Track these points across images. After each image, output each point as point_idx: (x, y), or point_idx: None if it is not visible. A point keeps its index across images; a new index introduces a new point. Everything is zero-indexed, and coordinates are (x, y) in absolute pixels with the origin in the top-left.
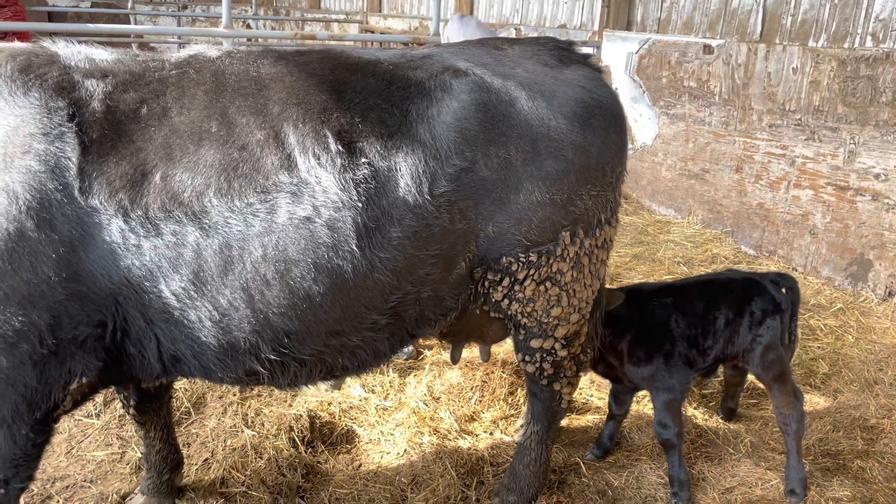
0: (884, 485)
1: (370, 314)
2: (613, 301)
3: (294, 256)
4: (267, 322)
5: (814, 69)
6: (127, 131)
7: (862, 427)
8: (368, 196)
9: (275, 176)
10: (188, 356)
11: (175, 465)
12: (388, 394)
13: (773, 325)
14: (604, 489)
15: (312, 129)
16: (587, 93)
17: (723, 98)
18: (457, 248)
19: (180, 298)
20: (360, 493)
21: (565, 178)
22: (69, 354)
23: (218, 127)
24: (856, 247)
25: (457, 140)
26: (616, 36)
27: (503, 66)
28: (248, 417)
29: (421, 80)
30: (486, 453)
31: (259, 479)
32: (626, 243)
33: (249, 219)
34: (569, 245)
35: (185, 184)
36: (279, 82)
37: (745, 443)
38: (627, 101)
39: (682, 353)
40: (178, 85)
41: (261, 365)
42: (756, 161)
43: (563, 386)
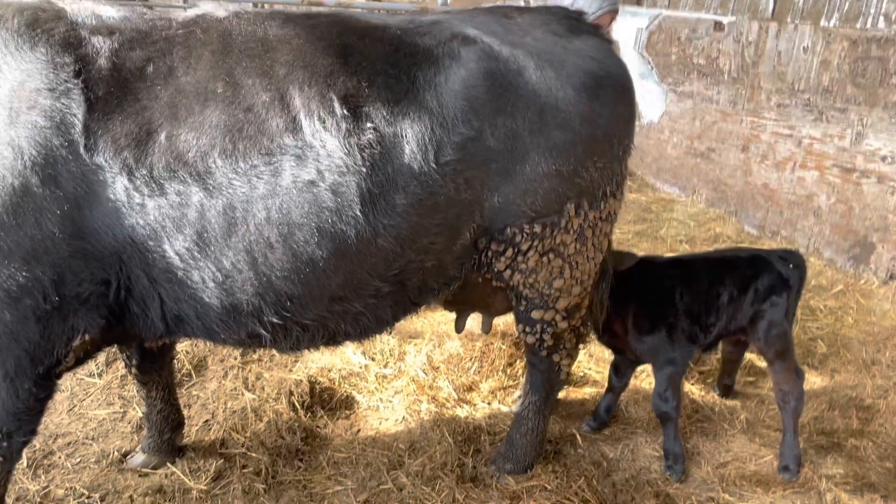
0: (877, 464)
1: (373, 281)
2: (627, 262)
3: (297, 220)
4: (270, 285)
5: (825, 49)
6: (133, 89)
7: (858, 407)
8: (373, 161)
9: (279, 138)
10: (191, 316)
11: (176, 425)
12: (388, 362)
13: (778, 301)
14: (599, 460)
15: (318, 92)
16: (596, 63)
17: (731, 76)
18: (462, 219)
19: (184, 259)
20: (358, 458)
21: (572, 149)
22: (72, 311)
23: (224, 88)
24: (859, 229)
25: (464, 108)
26: (626, 10)
27: (512, 35)
28: (248, 381)
29: (429, 46)
30: (483, 422)
31: (258, 440)
32: (630, 220)
33: (253, 181)
34: (573, 217)
35: (189, 144)
36: (286, 45)
37: (741, 419)
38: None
39: (685, 329)
40: (184, 44)
41: (263, 328)
42: (763, 141)
43: (562, 357)
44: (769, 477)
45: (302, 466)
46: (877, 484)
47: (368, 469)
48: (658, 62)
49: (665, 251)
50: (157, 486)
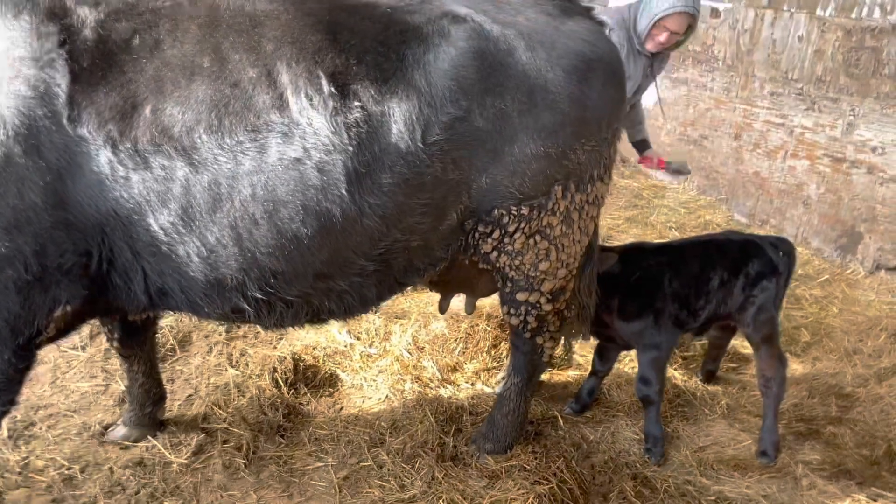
0: (854, 451)
1: (358, 259)
2: (606, 262)
3: (283, 197)
4: (254, 261)
5: (819, 38)
6: (118, 62)
7: (837, 395)
8: (360, 140)
9: (266, 115)
10: (175, 290)
11: (157, 399)
12: (374, 341)
13: (768, 286)
14: (579, 442)
15: (306, 69)
16: (588, 46)
17: (726, 64)
18: (448, 199)
19: (168, 233)
20: (340, 435)
21: (560, 131)
22: (54, 282)
23: (210, 62)
24: (847, 219)
25: (452, 88)
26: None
27: (504, 14)
28: (232, 357)
29: (419, 24)
30: (466, 403)
31: (241, 416)
32: (621, 206)
33: (239, 157)
34: (560, 199)
35: (175, 118)
36: (275, 20)
37: (722, 405)
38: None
39: (672, 313)
40: (171, 17)
41: (247, 303)
42: (755, 129)
43: (545, 340)
44: (747, 461)
45: (283, 442)
46: (853, 471)
47: (349, 446)
48: None
49: (654, 237)
50: (137, 459)
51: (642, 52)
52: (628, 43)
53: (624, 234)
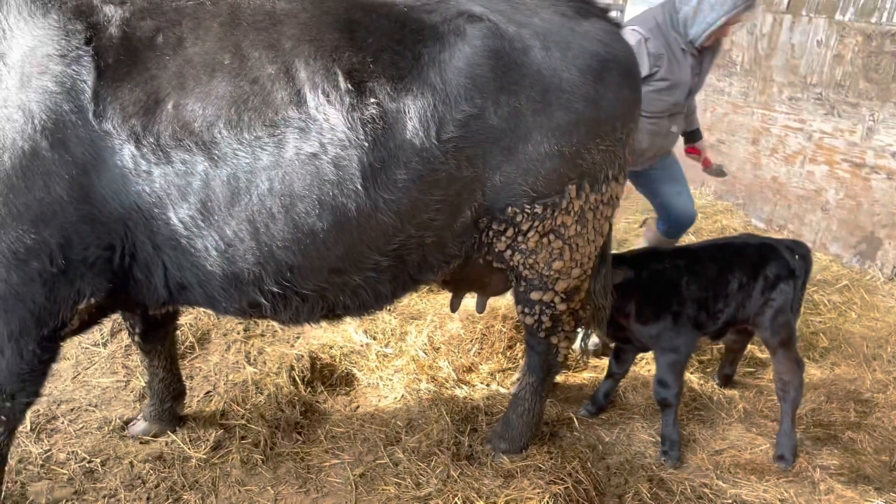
0: (872, 456)
1: (372, 254)
2: (617, 277)
3: (299, 191)
4: (271, 255)
5: (838, 43)
6: (142, 58)
7: (856, 400)
8: (375, 136)
9: (284, 111)
10: (194, 284)
11: (177, 395)
12: (390, 341)
13: (785, 289)
14: (594, 443)
15: (323, 66)
16: (603, 46)
17: (744, 68)
18: (462, 196)
19: (187, 226)
20: (356, 433)
21: (574, 130)
22: (78, 275)
23: (231, 59)
24: (867, 225)
25: (467, 86)
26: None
27: (519, 14)
28: (250, 355)
29: (435, 23)
30: (481, 403)
31: (258, 413)
32: (637, 210)
33: (257, 152)
34: (574, 199)
35: (196, 113)
36: (293, 18)
37: (739, 409)
38: None
39: (690, 316)
40: (194, 16)
41: (263, 297)
42: (773, 134)
43: (560, 340)
44: (764, 465)
45: (300, 439)
46: (871, 476)
47: (365, 444)
48: None
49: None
50: (157, 454)
51: (688, 51)
52: (667, 50)
53: (640, 239)
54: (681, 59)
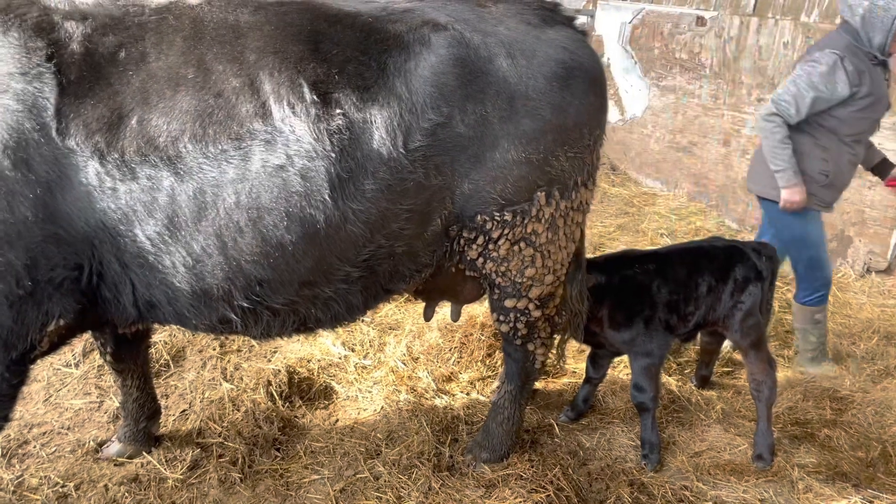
0: (849, 453)
1: (343, 266)
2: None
3: (267, 204)
4: (240, 269)
5: (805, 44)
6: (105, 74)
7: (832, 398)
8: (342, 147)
9: (249, 123)
10: (163, 302)
11: (152, 414)
12: (368, 353)
13: (754, 291)
14: (575, 449)
15: (288, 78)
16: (568, 54)
17: (713, 71)
18: (432, 205)
19: (154, 243)
20: (336, 447)
21: (542, 137)
22: (46, 296)
23: (195, 73)
24: (837, 223)
25: (433, 95)
26: (610, 5)
27: (485, 23)
28: (226, 371)
29: (400, 33)
30: (461, 412)
31: (236, 430)
32: (612, 214)
33: (223, 165)
34: (544, 206)
35: (160, 128)
36: (257, 31)
37: (717, 409)
38: (619, 72)
39: (662, 319)
40: (156, 30)
41: (233, 312)
42: (743, 135)
43: (536, 346)
44: (743, 466)
45: (279, 456)
46: (849, 473)
47: (345, 458)
48: (641, 57)
49: (645, 244)
50: (132, 475)
51: (879, 59)
52: (865, 65)
53: (615, 242)
54: (877, 72)
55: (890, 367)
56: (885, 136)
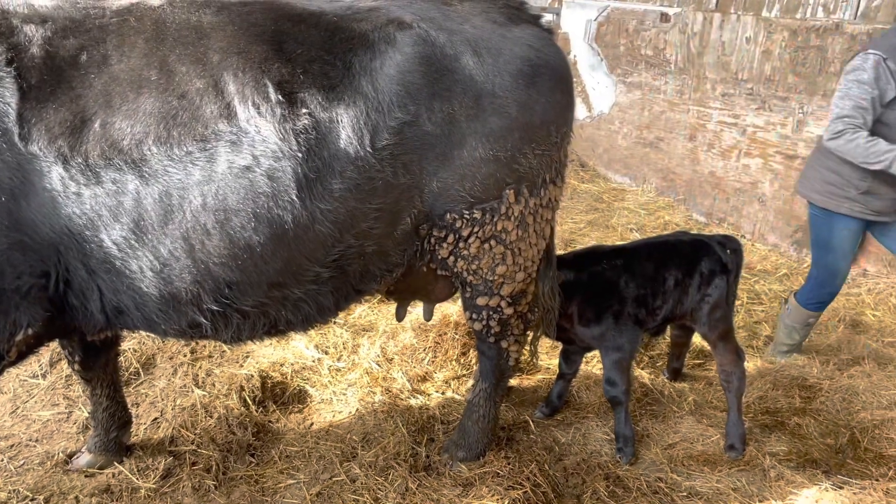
0: (818, 440)
1: (312, 266)
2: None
3: (234, 206)
4: (208, 272)
5: (766, 39)
6: (66, 78)
7: (800, 386)
8: (309, 147)
9: (214, 125)
10: (131, 307)
11: (122, 424)
12: (342, 355)
13: (720, 284)
14: (551, 445)
15: (252, 78)
16: (534, 52)
17: (678, 67)
18: (401, 204)
19: (121, 248)
20: (311, 451)
21: (509, 135)
22: (13, 305)
23: (158, 75)
24: (801, 214)
25: (399, 93)
26: (575, 2)
27: (450, 21)
28: (198, 378)
29: (365, 31)
30: (437, 412)
31: (209, 437)
32: (582, 210)
33: (189, 167)
34: (513, 203)
35: (124, 131)
36: (220, 31)
37: (689, 401)
38: (585, 69)
39: (631, 313)
40: (118, 32)
41: (203, 316)
42: (709, 130)
43: (510, 344)
44: (716, 456)
45: (253, 461)
46: (819, 460)
47: (321, 462)
48: (607, 53)
49: (616, 239)
50: (103, 486)
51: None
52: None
53: (586, 238)
54: None
55: (856, 356)
56: None
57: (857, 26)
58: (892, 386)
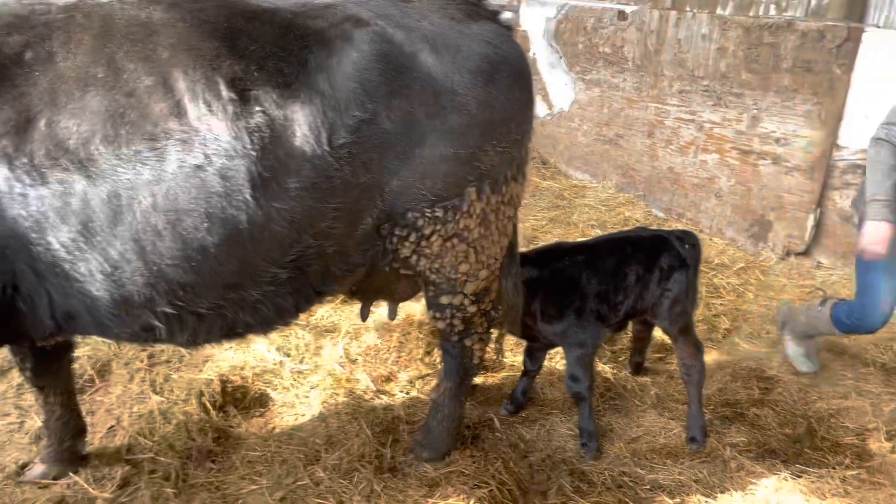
0: (777, 430)
1: (269, 267)
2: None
3: (185, 206)
4: (161, 274)
5: (721, 36)
6: (10, 76)
7: (759, 378)
8: (263, 145)
9: (164, 123)
10: (82, 312)
11: (77, 432)
12: (304, 357)
13: (679, 279)
14: (516, 442)
15: (203, 75)
16: (493, 48)
17: (636, 64)
18: (362, 203)
19: (70, 250)
20: (273, 455)
21: (469, 132)
22: None
23: (105, 72)
24: (757, 208)
25: (357, 91)
26: (534, 0)
27: (408, 18)
28: (156, 384)
29: (321, 28)
30: (401, 412)
31: (167, 444)
32: (543, 207)
33: (138, 167)
34: (475, 201)
35: (70, 131)
36: (170, 28)
37: (651, 395)
38: (545, 67)
39: (593, 310)
40: (64, 29)
41: (157, 319)
42: (667, 126)
43: (474, 342)
44: (678, 449)
45: (214, 468)
46: (777, 450)
47: (284, 466)
48: (566, 51)
49: (577, 236)
50: (58, 498)
51: None
52: None
53: (548, 235)
54: None
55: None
56: None
57: (807, 23)
58: (847, 376)
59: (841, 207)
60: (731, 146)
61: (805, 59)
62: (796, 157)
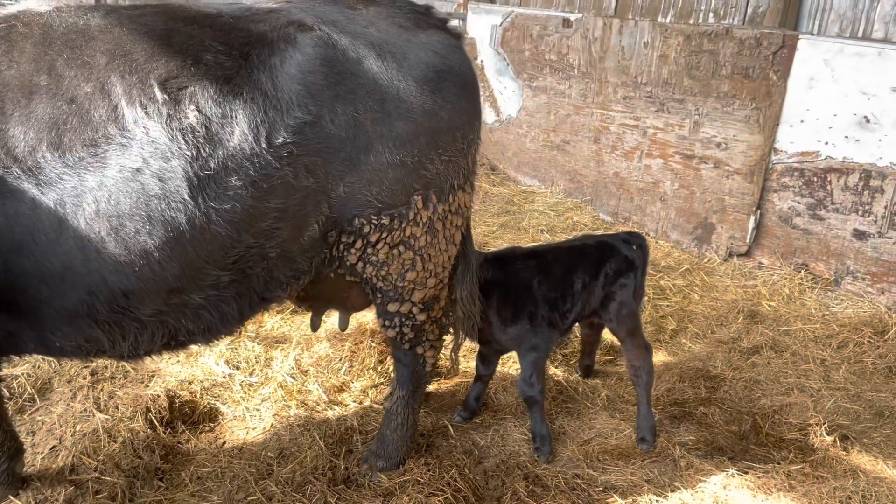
0: (724, 428)
1: (211, 269)
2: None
3: (127, 210)
4: (103, 281)
5: (662, 44)
6: None
7: (705, 377)
8: (198, 145)
9: (104, 128)
10: (23, 327)
11: (13, 453)
12: (254, 369)
13: (626, 282)
14: (470, 448)
15: (139, 79)
16: (439, 58)
17: (581, 71)
18: (307, 207)
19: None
20: (224, 471)
21: (415, 140)
22: None
23: (47, 80)
24: (700, 211)
25: (300, 93)
26: (481, 8)
27: (354, 25)
28: (100, 401)
29: (263, 32)
30: (355, 422)
31: (113, 463)
32: (494, 213)
33: (82, 173)
34: (421, 209)
35: (18, 139)
36: (108, 34)
37: (602, 397)
38: (493, 74)
39: (544, 316)
40: (6, 38)
41: (99, 328)
42: (612, 132)
43: (426, 350)
44: (629, 449)
45: (162, 486)
46: (724, 447)
47: (235, 481)
48: (513, 58)
49: (527, 241)
50: None
51: None
52: None
53: (499, 240)
54: None
55: (756, 344)
56: None
57: (744, 31)
58: (789, 373)
59: (780, 209)
60: (675, 151)
61: (743, 66)
62: (737, 160)
